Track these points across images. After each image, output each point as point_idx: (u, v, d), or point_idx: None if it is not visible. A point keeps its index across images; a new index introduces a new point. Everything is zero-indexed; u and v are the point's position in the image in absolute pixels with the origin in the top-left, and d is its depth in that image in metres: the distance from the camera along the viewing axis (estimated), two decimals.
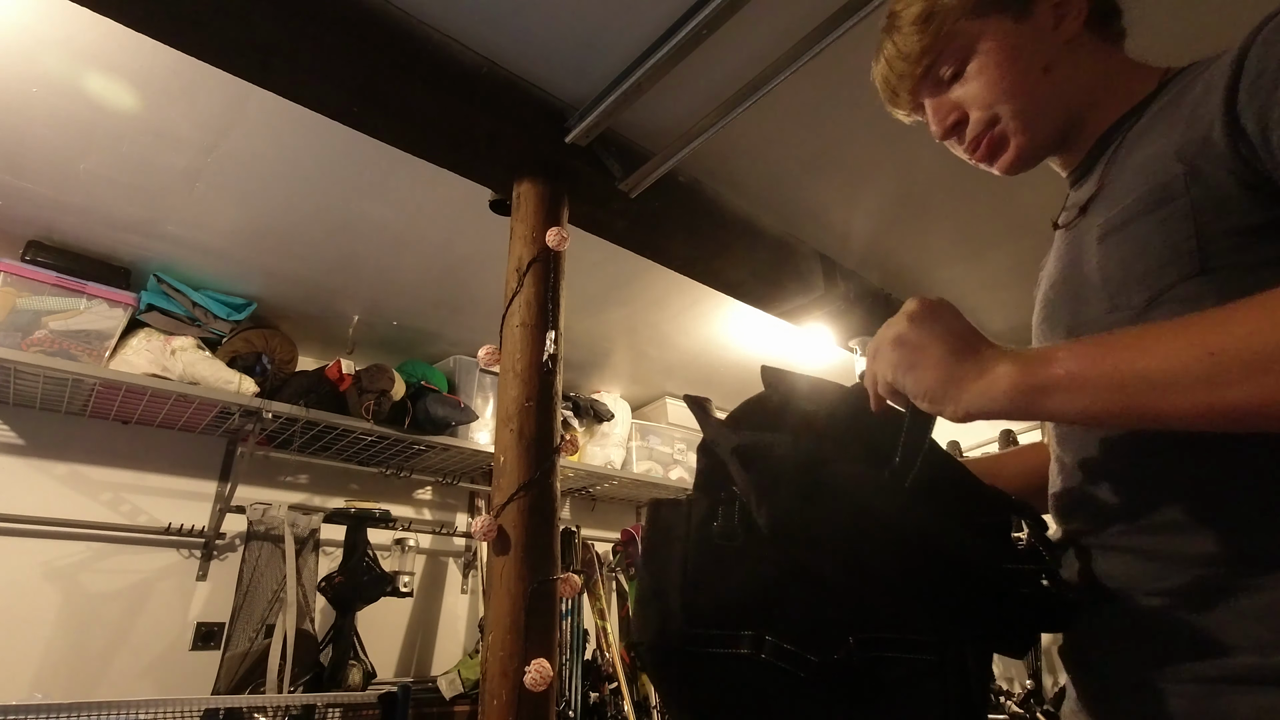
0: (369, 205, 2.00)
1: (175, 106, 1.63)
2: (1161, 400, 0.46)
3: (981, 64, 0.69)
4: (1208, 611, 0.53)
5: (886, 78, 0.76)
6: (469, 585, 2.97)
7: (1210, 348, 0.45)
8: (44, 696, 2.00)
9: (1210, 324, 0.46)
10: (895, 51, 0.74)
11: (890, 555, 0.55)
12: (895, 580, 0.56)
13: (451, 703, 2.45)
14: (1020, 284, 0.72)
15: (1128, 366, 0.47)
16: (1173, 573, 0.55)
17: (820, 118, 1.70)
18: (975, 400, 0.52)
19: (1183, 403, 0.46)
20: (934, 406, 0.54)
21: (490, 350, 1.59)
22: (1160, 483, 0.57)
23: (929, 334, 0.55)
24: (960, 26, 0.70)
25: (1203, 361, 0.45)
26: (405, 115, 1.53)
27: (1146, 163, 0.60)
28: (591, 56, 1.51)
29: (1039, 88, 0.69)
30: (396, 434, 2.46)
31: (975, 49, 0.70)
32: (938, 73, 0.72)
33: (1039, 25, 0.69)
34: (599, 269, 2.32)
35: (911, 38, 0.71)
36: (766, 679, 0.58)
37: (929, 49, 0.71)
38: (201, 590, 2.37)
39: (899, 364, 0.56)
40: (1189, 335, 0.46)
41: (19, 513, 2.10)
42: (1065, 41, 0.69)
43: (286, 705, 1.99)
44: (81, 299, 2.04)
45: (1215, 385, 0.44)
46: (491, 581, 1.40)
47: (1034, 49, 0.68)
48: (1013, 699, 2.45)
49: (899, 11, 0.74)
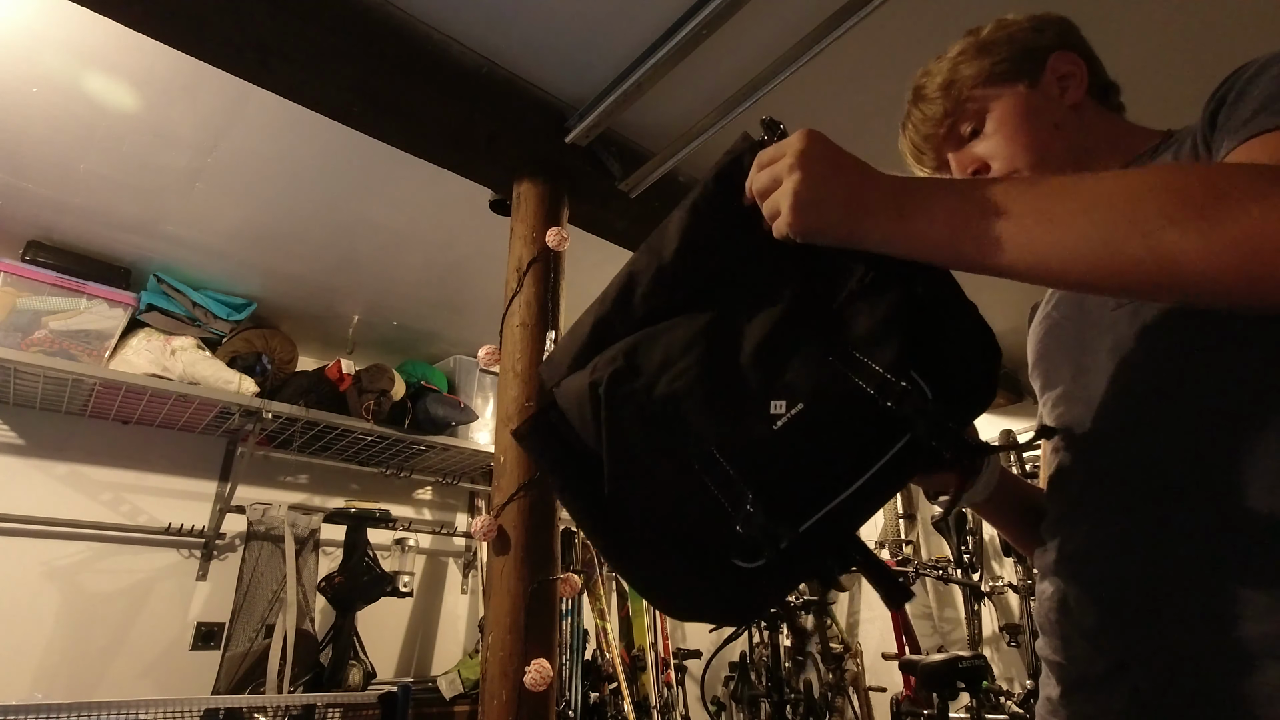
0: (369, 205, 2.00)
1: (175, 106, 1.63)
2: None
3: (999, 122, 0.78)
4: (1207, 583, 0.53)
5: (913, 140, 0.85)
6: (469, 585, 2.97)
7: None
8: (44, 696, 2.00)
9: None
10: (921, 116, 0.83)
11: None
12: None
13: (451, 703, 2.45)
14: (1020, 284, 0.73)
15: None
16: (1175, 545, 0.56)
17: (820, 118, 1.69)
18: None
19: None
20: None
21: (490, 350, 1.59)
22: (1160, 456, 0.59)
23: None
24: (978, 93, 0.79)
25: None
26: (405, 115, 1.53)
27: None
28: (591, 56, 1.51)
29: (1052, 142, 0.76)
30: (396, 434, 2.46)
31: (991, 109, 0.78)
32: (959, 131, 0.81)
33: (1047, 92, 0.77)
34: (599, 269, 2.31)
35: (934, 103, 0.81)
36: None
37: (950, 111, 0.80)
38: (201, 590, 2.37)
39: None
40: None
41: (19, 513, 2.10)
42: (1071, 106, 0.77)
43: (286, 705, 1.99)
44: (81, 299, 2.04)
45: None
46: (491, 581, 1.40)
47: (1044, 110, 0.77)
48: (1013, 699, 2.45)
49: (923, 85, 0.83)
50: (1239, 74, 0.58)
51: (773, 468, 0.55)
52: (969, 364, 0.57)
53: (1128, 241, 0.44)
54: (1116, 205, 0.46)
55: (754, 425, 0.55)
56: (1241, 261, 0.42)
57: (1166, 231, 0.43)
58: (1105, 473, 0.63)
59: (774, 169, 0.56)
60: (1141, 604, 0.57)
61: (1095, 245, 0.46)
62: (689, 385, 0.57)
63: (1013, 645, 2.77)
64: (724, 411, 0.57)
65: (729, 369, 0.58)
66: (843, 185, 0.54)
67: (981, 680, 2.08)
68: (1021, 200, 0.49)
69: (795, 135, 0.56)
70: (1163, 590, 0.56)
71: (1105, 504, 0.63)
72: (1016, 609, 2.81)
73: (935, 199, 0.52)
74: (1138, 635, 0.57)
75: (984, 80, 0.79)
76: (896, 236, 0.53)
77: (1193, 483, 0.56)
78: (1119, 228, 0.45)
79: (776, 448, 0.55)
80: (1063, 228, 0.47)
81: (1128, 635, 0.58)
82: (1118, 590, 0.60)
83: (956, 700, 2.26)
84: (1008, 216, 0.49)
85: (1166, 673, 0.55)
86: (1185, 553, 0.55)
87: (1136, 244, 0.44)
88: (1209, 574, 0.54)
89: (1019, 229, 0.48)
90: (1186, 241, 0.43)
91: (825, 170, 0.54)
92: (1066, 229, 0.47)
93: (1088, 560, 0.63)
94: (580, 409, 0.62)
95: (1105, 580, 0.61)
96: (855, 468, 0.55)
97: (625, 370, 0.59)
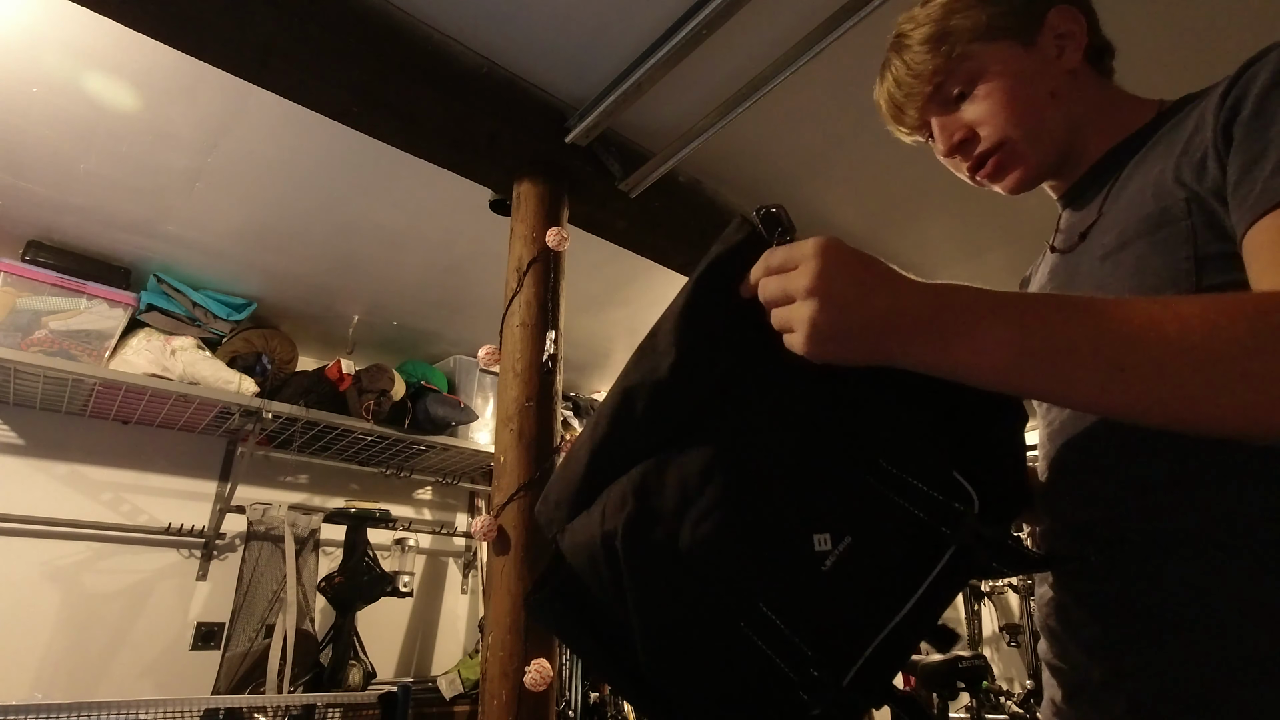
0: (369, 205, 2.00)
1: (175, 106, 1.63)
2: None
3: (991, 86, 0.71)
4: (1202, 594, 0.53)
5: (893, 96, 0.77)
6: (469, 585, 2.97)
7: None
8: (44, 696, 2.00)
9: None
10: (905, 70, 0.75)
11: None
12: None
13: (451, 703, 2.45)
14: (1019, 285, 0.74)
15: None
16: (1168, 554, 0.56)
17: (820, 118, 1.70)
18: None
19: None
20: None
21: (490, 350, 1.59)
22: (1152, 463, 0.58)
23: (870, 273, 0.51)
24: (971, 49, 0.72)
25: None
26: (405, 115, 1.53)
27: (1146, 188, 0.62)
28: (591, 56, 1.51)
29: (1047, 111, 0.71)
30: (396, 434, 2.46)
31: (985, 71, 0.71)
32: (947, 92, 0.74)
33: (1044, 53, 0.71)
34: (599, 269, 2.32)
35: (923, 57, 0.73)
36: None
37: (940, 69, 0.73)
38: (201, 590, 2.37)
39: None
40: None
41: (19, 513, 2.10)
42: (1068, 70, 0.71)
43: (286, 705, 1.99)
44: (81, 299, 2.04)
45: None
46: (491, 581, 1.40)
47: (1041, 75, 0.71)
48: (1013, 699, 2.45)
49: (908, 32, 0.75)
50: (1255, 70, 0.55)
51: (826, 613, 0.49)
52: (1005, 466, 0.53)
53: (1204, 405, 0.43)
54: (1194, 358, 0.43)
55: (802, 568, 0.48)
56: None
57: (1237, 397, 0.42)
58: (1097, 481, 0.63)
59: (786, 283, 0.48)
60: (1137, 613, 0.57)
61: (1168, 409, 0.44)
62: (718, 530, 0.49)
63: (1013, 645, 2.77)
64: (766, 557, 0.49)
65: (758, 501, 0.50)
66: (870, 311, 0.47)
67: (981, 680, 2.08)
68: (1087, 341, 0.44)
69: (811, 245, 0.48)
70: (1156, 600, 0.56)
71: (1099, 515, 0.62)
72: (1016, 609, 2.81)
73: (983, 326, 0.46)
74: (1133, 645, 0.57)
75: (979, 35, 0.71)
76: (936, 366, 0.47)
77: (1186, 492, 0.56)
78: (1197, 388, 0.43)
79: (827, 590, 0.48)
80: (1137, 384, 0.43)
81: (1124, 645, 0.58)
82: (1113, 599, 0.59)
83: (956, 700, 2.26)
84: (1071, 359, 0.44)
85: (1163, 682, 0.54)
86: (1179, 562, 0.55)
87: (1210, 410, 0.43)
88: (1204, 584, 0.53)
89: (1086, 379, 0.44)
90: (1266, 401, 0.42)
91: (849, 295, 0.47)
92: (1141, 386, 0.43)
93: (1081, 571, 0.63)
94: (594, 567, 0.53)
95: (1100, 589, 0.61)
96: (904, 592, 0.50)
97: (640, 516, 0.51)
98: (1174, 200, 0.58)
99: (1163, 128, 0.65)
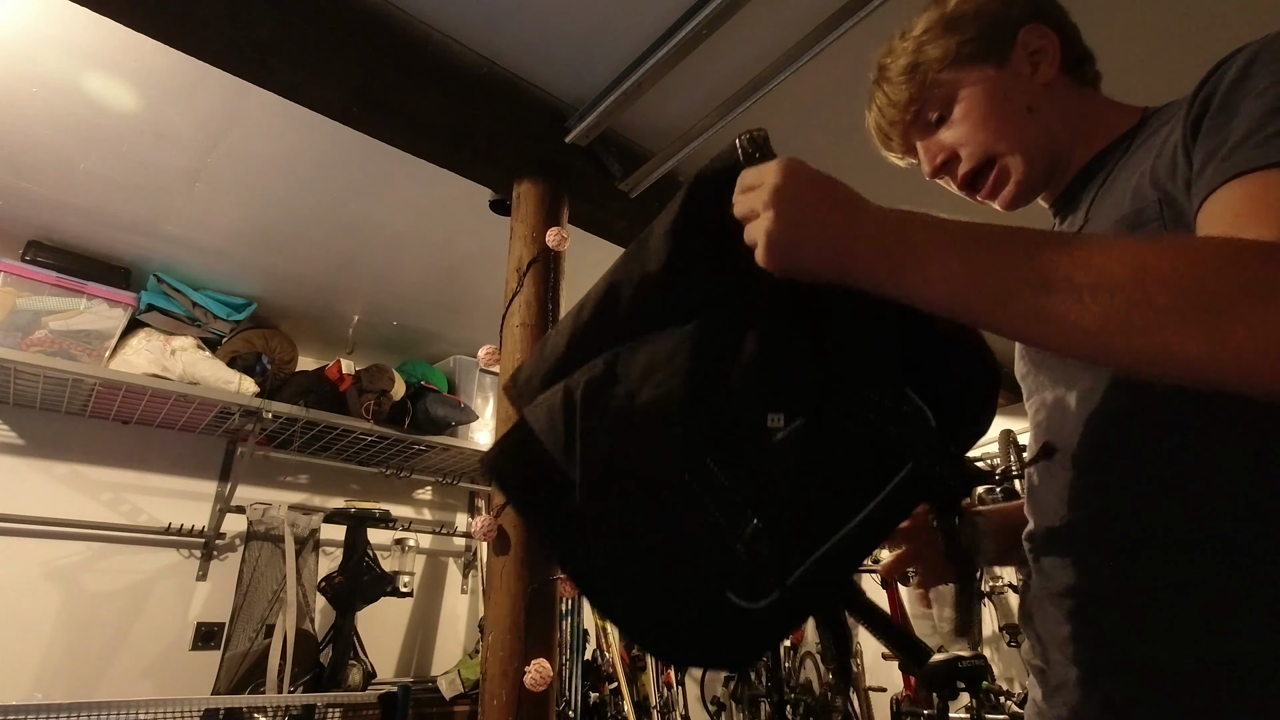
0: (369, 205, 2.00)
1: (175, 106, 1.63)
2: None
3: (966, 108, 0.74)
4: (1176, 597, 0.54)
5: (879, 124, 0.82)
6: (469, 585, 2.97)
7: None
8: (44, 696, 2.00)
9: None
10: (886, 100, 0.79)
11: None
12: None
13: (451, 703, 2.45)
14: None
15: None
16: (1144, 559, 0.56)
17: (820, 117, 1.69)
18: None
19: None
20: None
21: (490, 350, 1.59)
22: (1131, 469, 0.59)
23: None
24: (943, 76, 0.75)
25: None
26: (405, 115, 1.53)
27: (1126, 192, 0.63)
28: (591, 56, 1.51)
29: (1027, 127, 0.73)
30: (396, 434, 2.46)
31: (958, 95, 0.74)
32: (925, 118, 0.77)
33: (1018, 71, 0.74)
34: (599, 269, 2.30)
35: (900, 87, 0.77)
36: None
37: (915, 97, 0.76)
38: (201, 590, 2.37)
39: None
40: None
41: (19, 513, 2.10)
42: (1043, 85, 0.73)
43: (286, 705, 1.99)
44: (81, 299, 2.04)
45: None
46: (491, 581, 1.40)
47: (1015, 92, 0.73)
48: (1013, 699, 2.45)
49: (887, 65, 0.79)
50: (1224, 69, 0.56)
51: (772, 487, 0.51)
52: (970, 388, 0.55)
53: (1137, 336, 0.43)
54: (1125, 291, 0.43)
55: (751, 435, 0.51)
56: (1247, 370, 0.41)
57: (1173, 332, 0.42)
58: (1077, 482, 0.63)
59: (751, 199, 0.53)
60: (1111, 616, 0.58)
61: (1101, 336, 0.44)
62: (675, 390, 0.52)
63: (1013, 645, 2.77)
64: (717, 419, 0.52)
65: (719, 378, 0.53)
66: (822, 227, 0.50)
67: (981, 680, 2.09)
68: (1022, 270, 0.46)
69: (773, 165, 0.52)
70: (1132, 604, 0.56)
71: (1076, 516, 0.63)
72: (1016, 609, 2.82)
73: (929, 255, 0.49)
74: (1108, 648, 0.58)
75: (950, 62, 0.74)
76: (886, 287, 0.50)
77: (1163, 497, 0.56)
78: (1129, 318, 0.43)
79: (775, 464, 0.50)
80: (1070, 311, 0.44)
81: (1098, 647, 0.59)
82: (1088, 603, 0.60)
83: (956, 700, 2.26)
84: (1008, 291, 0.46)
85: (1137, 685, 0.55)
86: (1154, 567, 0.55)
87: (1143, 340, 0.43)
88: (1178, 587, 0.54)
89: (1022, 308, 0.46)
90: (1193, 344, 0.41)
91: (802, 210, 0.50)
92: (1073, 312, 0.44)
93: (1058, 571, 0.64)
94: (552, 422, 0.55)
95: (1075, 592, 0.61)
96: (858, 499, 0.51)
97: (604, 377, 0.54)
98: (1147, 202, 0.59)
99: (1144, 132, 0.67)
